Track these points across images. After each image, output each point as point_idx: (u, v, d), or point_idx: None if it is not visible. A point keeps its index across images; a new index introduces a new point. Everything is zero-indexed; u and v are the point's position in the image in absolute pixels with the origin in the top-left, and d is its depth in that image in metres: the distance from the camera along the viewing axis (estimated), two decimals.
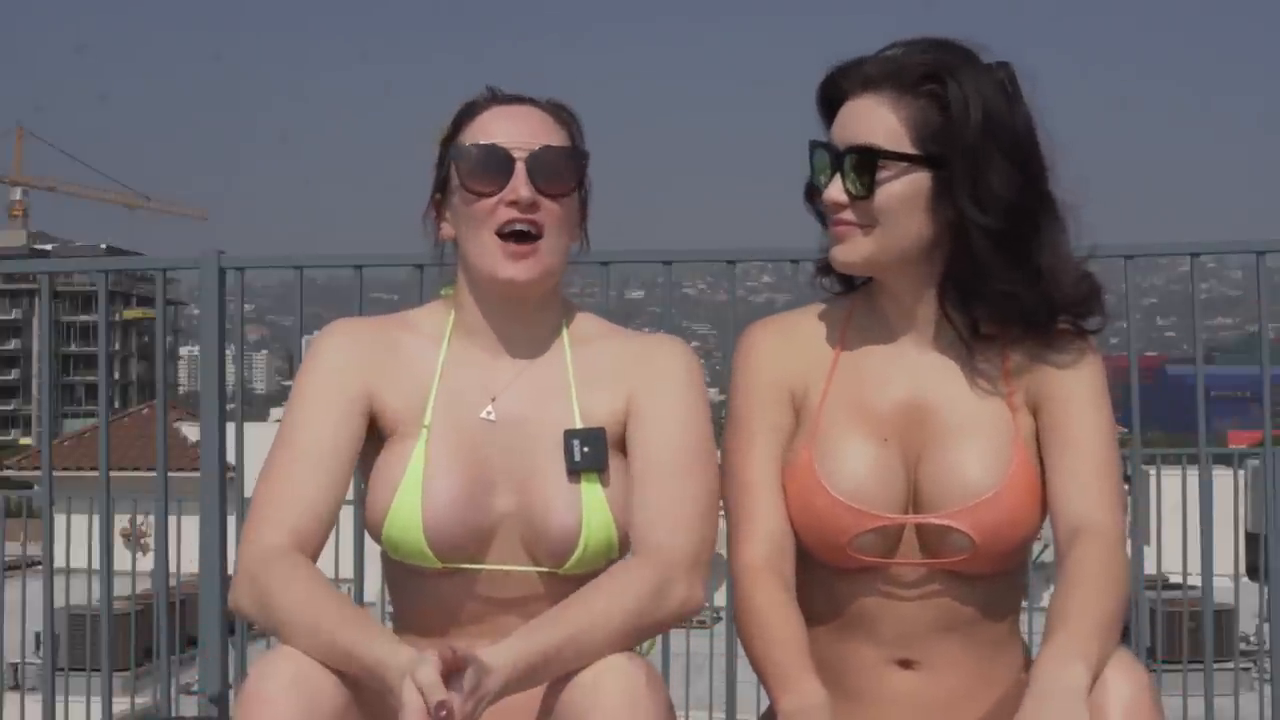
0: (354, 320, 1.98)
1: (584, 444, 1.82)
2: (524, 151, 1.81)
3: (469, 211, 1.83)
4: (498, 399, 1.86)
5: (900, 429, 1.86)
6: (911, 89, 1.78)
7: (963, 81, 1.76)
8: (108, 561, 3.44)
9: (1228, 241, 3.39)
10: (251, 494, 1.86)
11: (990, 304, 1.81)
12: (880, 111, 1.78)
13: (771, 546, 1.83)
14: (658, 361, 1.89)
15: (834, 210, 1.82)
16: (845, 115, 1.82)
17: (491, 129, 1.84)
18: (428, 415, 1.84)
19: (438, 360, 1.88)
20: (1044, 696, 1.56)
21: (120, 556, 4.20)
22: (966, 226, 1.77)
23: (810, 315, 1.96)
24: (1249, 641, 9.52)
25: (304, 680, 1.57)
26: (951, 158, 1.76)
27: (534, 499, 1.81)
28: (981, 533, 1.80)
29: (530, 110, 1.86)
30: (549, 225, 1.82)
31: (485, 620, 1.82)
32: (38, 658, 9.75)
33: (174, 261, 3.61)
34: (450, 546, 1.79)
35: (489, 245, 1.82)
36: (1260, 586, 4.35)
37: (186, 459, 4.81)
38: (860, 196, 1.79)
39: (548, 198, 1.82)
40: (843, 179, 1.80)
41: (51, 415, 6.16)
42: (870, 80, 1.80)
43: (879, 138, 1.78)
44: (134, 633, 8.18)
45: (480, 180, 1.81)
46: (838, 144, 1.82)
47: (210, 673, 3.24)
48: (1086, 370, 1.85)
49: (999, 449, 1.82)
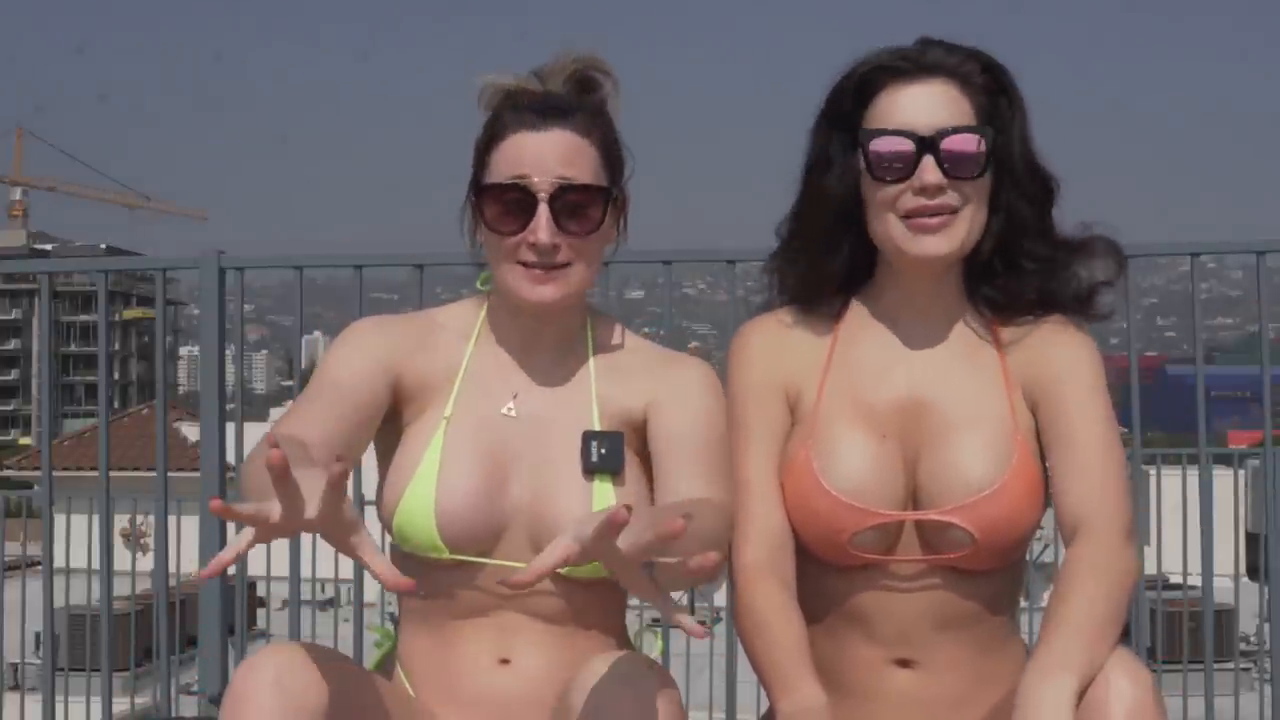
0: (384, 316, 1.98)
1: (601, 446, 1.82)
2: (547, 190, 1.78)
3: (491, 241, 1.83)
4: (519, 396, 1.87)
5: (898, 425, 1.86)
6: (971, 81, 1.84)
7: (1009, 75, 1.86)
8: (108, 561, 3.44)
9: (1228, 241, 3.39)
10: None
11: (1022, 271, 1.87)
12: (956, 98, 1.83)
13: (770, 547, 1.83)
14: (682, 373, 1.90)
15: (931, 194, 1.81)
16: (911, 98, 1.82)
17: (516, 159, 1.80)
18: (449, 407, 1.85)
19: (464, 354, 1.89)
20: (1028, 714, 1.56)
21: (120, 556, 4.21)
22: (1013, 203, 1.84)
23: (802, 313, 1.96)
24: (1249, 641, 9.52)
25: (287, 678, 1.56)
26: (1010, 142, 1.84)
27: (546, 496, 1.81)
28: (982, 528, 1.80)
29: (559, 136, 1.81)
30: (573, 257, 1.82)
31: (490, 614, 1.81)
32: (38, 658, 9.75)
33: (174, 261, 3.61)
34: (461, 537, 1.79)
35: (514, 271, 1.82)
36: (1260, 586, 4.35)
37: (186, 459, 4.81)
38: (972, 177, 1.81)
39: (571, 235, 1.81)
40: (938, 162, 1.80)
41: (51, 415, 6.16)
42: (935, 68, 1.83)
43: (965, 119, 1.82)
44: (134, 633, 8.18)
45: (502, 220, 1.80)
46: (919, 129, 1.81)
47: (210, 673, 3.24)
48: (1085, 364, 1.86)
49: (999, 444, 1.83)
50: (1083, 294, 1.89)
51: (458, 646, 1.81)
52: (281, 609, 8.93)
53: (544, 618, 1.81)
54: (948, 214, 1.81)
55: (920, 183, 1.80)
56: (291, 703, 1.55)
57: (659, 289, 3.34)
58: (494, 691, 1.79)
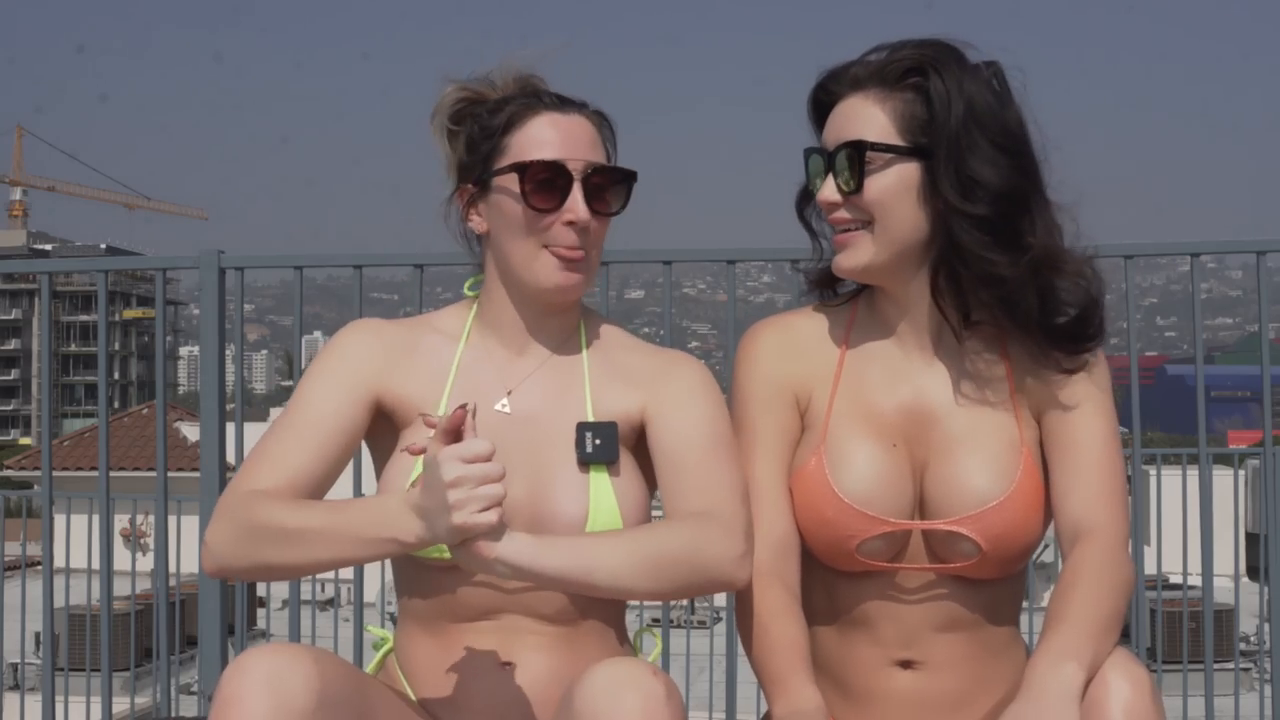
0: (377, 319, 1.98)
1: (596, 436, 1.82)
2: (580, 170, 1.81)
3: (522, 222, 1.82)
4: (513, 392, 1.87)
5: (906, 434, 1.85)
6: (895, 84, 1.80)
7: (944, 74, 1.77)
8: (108, 561, 3.44)
9: (1228, 241, 3.38)
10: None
11: (979, 288, 1.79)
12: (867, 108, 1.80)
13: (776, 550, 1.83)
14: (677, 372, 1.89)
15: (829, 210, 1.83)
16: (835, 118, 1.84)
17: (547, 141, 1.81)
18: (443, 407, 1.85)
19: (454, 355, 1.89)
20: (1035, 697, 1.56)
21: (120, 556, 4.21)
22: (948, 217, 1.77)
23: (812, 317, 1.95)
24: (1249, 641, 9.53)
25: (276, 678, 1.55)
26: (936, 147, 1.77)
27: (543, 492, 1.81)
28: (988, 539, 1.80)
29: (582, 122, 1.84)
30: (594, 241, 1.84)
31: (491, 615, 1.81)
32: (38, 658, 9.77)
33: (174, 261, 3.61)
34: None
35: (541, 255, 1.82)
36: (1260, 586, 4.36)
37: (186, 459, 4.82)
38: (851, 192, 1.80)
39: (599, 216, 1.83)
40: (834, 178, 1.81)
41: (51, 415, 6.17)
42: (857, 81, 1.82)
43: (867, 133, 1.79)
44: (134, 633, 8.20)
45: (540, 197, 1.81)
46: (828, 145, 1.83)
47: (210, 673, 3.24)
48: (1090, 375, 1.85)
49: (1005, 455, 1.82)
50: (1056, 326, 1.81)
51: (459, 649, 1.80)
52: (281, 609, 8.95)
53: (546, 618, 1.80)
54: (855, 229, 1.81)
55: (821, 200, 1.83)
56: (283, 705, 1.54)
57: (659, 289, 3.34)
58: (496, 695, 1.78)
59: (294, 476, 1.76)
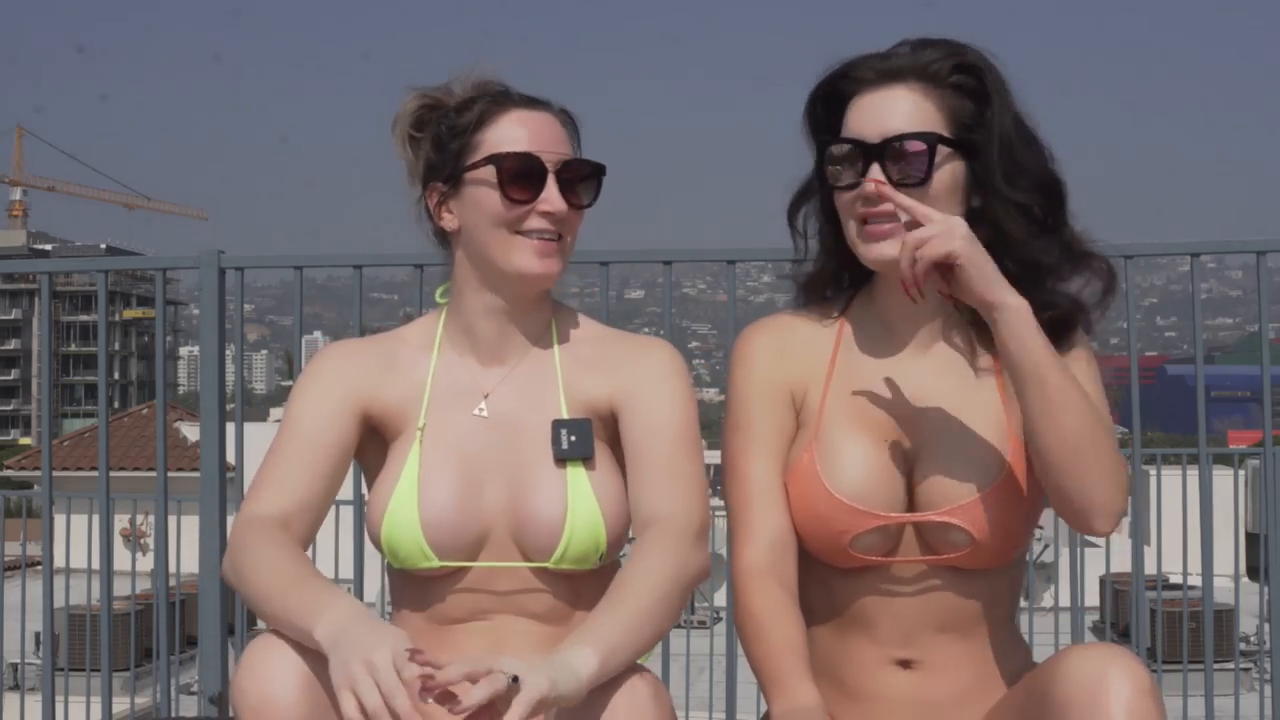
0: (349, 340, 2.04)
1: (571, 433, 1.84)
2: (554, 163, 1.85)
3: (499, 211, 1.85)
4: (490, 396, 1.89)
5: (897, 428, 1.86)
6: (942, 81, 1.81)
7: (991, 71, 1.82)
8: (108, 561, 3.44)
9: (1228, 241, 3.38)
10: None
11: (1018, 278, 1.78)
12: (919, 102, 1.81)
13: (772, 549, 1.83)
14: (646, 358, 1.91)
15: (874, 201, 1.80)
16: (865, 108, 1.82)
17: (518, 137, 1.85)
18: (421, 417, 1.88)
19: (429, 365, 1.92)
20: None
21: (120, 556, 4.21)
22: (995, 209, 1.80)
23: (806, 316, 1.96)
24: (1249, 641, 9.53)
25: (300, 674, 1.60)
26: (988, 142, 1.80)
27: (523, 493, 1.83)
28: (980, 528, 1.80)
29: (549, 119, 1.89)
30: (567, 231, 1.87)
31: (482, 618, 1.83)
32: (38, 658, 9.77)
33: (174, 261, 3.61)
34: (446, 544, 1.81)
35: (517, 241, 1.85)
36: (1260, 586, 4.36)
37: (186, 459, 4.82)
38: (915, 183, 1.79)
39: (573, 209, 1.86)
40: (884, 169, 1.80)
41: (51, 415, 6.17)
42: (898, 73, 1.82)
43: (927, 125, 1.79)
44: (134, 633, 8.19)
45: (517, 188, 1.84)
46: (862, 135, 1.81)
47: (210, 673, 3.24)
48: (1076, 362, 1.85)
49: (994, 445, 1.83)
50: (1061, 317, 1.84)
51: (451, 652, 1.81)
52: None
53: (536, 617, 1.83)
54: (897, 220, 1.79)
55: (863, 190, 1.80)
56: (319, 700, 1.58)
57: (659, 289, 3.34)
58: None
59: (298, 498, 1.82)
